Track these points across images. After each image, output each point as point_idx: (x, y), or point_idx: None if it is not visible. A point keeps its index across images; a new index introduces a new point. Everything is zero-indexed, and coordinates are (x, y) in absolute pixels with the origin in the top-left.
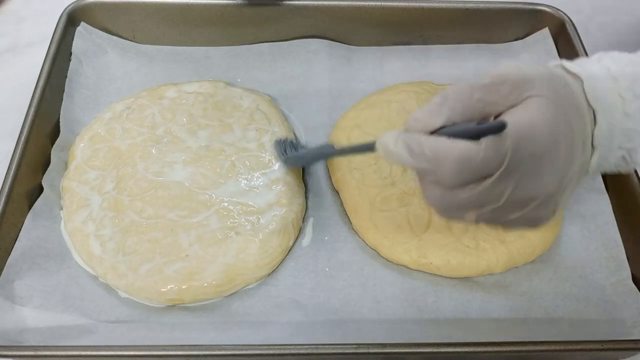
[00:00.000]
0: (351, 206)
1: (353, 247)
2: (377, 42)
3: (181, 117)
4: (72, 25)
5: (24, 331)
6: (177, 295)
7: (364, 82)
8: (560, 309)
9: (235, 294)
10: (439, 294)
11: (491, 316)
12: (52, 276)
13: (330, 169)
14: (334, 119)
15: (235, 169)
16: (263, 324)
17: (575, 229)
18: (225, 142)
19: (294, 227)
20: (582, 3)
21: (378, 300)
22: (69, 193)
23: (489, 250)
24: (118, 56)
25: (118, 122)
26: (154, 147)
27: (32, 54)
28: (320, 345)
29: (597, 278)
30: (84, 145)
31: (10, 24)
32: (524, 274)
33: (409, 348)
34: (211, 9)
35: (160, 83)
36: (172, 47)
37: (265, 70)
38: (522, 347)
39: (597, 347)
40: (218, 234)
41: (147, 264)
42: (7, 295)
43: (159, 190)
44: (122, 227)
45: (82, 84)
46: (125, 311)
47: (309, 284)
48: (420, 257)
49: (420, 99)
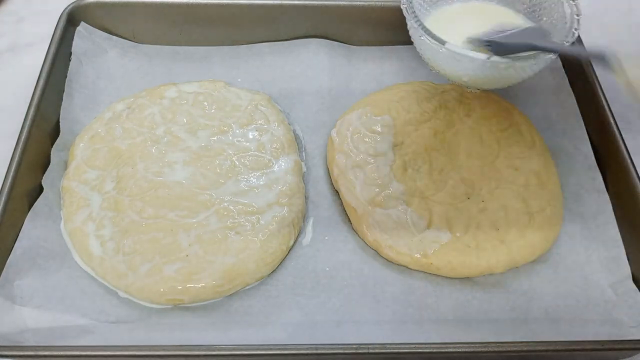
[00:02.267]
0: (351, 206)
1: (353, 247)
2: (377, 42)
3: (181, 117)
4: (72, 25)
5: (24, 331)
6: (177, 295)
7: (364, 82)
8: (560, 309)
9: (235, 294)
10: (439, 294)
11: (491, 316)
12: (52, 276)
13: (330, 168)
14: (334, 119)
15: (235, 169)
16: (263, 324)
17: (575, 228)
18: (225, 142)
19: (294, 227)
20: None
21: (378, 300)
22: (69, 193)
23: (489, 250)
24: (118, 56)
25: (118, 122)
26: (154, 147)
27: (32, 54)
28: (320, 345)
29: (597, 278)
30: (84, 145)
31: (10, 24)
32: (524, 274)
33: (409, 348)
34: (211, 9)
35: (160, 83)
36: (172, 47)
37: (265, 70)
38: (522, 347)
39: (597, 347)
40: (218, 234)
41: (147, 264)
42: (7, 295)
43: (159, 190)
44: (122, 227)
45: (82, 84)
46: (125, 311)
47: (309, 284)
48: (420, 257)
49: (420, 99)
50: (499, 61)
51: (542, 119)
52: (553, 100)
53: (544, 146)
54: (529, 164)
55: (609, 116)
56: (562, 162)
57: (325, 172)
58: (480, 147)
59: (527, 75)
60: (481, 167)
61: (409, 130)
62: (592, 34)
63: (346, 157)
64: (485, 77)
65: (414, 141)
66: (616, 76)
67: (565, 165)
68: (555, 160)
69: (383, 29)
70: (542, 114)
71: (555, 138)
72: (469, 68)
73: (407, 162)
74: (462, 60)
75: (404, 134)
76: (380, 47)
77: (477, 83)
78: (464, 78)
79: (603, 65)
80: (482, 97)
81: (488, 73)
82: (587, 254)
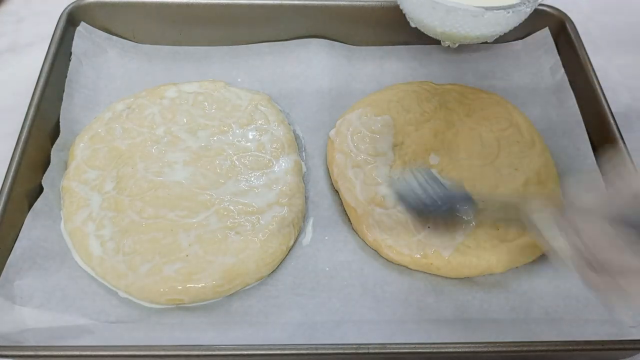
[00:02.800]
0: (351, 206)
1: (353, 247)
2: (377, 42)
3: (181, 117)
4: (72, 25)
5: (24, 331)
6: (177, 295)
7: (364, 82)
8: (560, 309)
9: (235, 294)
10: (439, 294)
11: (491, 316)
12: (52, 276)
13: (330, 168)
14: (334, 119)
15: (235, 169)
16: (263, 324)
17: None
18: (225, 142)
19: (294, 227)
20: (582, 3)
21: (378, 300)
22: (69, 193)
23: (489, 250)
24: (118, 56)
25: (118, 122)
26: (154, 147)
27: (32, 54)
28: (320, 345)
29: None
30: (83, 145)
31: (10, 24)
32: (524, 274)
33: (409, 348)
34: (211, 9)
35: (160, 83)
36: (172, 47)
37: (265, 70)
38: (522, 347)
39: (597, 347)
40: (218, 234)
41: (147, 264)
42: (7, 295)
43: (159, 190)
44: (122, 227)
45: (82, 84)
46: (125, 311)
47: (309, 284)
48: (420, 257)
49: (420, 99)
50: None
51: (542, 119)
52: (553, 100)
53: (544, 146)
54: (529, 164)
55: (609, 116)
56: (562, 162)
57: (325, 172)
58: (480, 147)
59: (501, 29)
60: (481, 167)
61: (409, 130)
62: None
63: (346, 157)
64: (462, 29)
65: (414, 141)
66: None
67: (565, 165)
68: (555, 160)
69: (383, 29)
70: (542, 114)
71: (555, 138)
72: (444, 18)
73: (407, 162)
74: (437, 9)
75: (404, 134)
76: (380, 47)
77: (452, 37)
78: (438, 29)
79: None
80: (482, 97)
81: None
82: None
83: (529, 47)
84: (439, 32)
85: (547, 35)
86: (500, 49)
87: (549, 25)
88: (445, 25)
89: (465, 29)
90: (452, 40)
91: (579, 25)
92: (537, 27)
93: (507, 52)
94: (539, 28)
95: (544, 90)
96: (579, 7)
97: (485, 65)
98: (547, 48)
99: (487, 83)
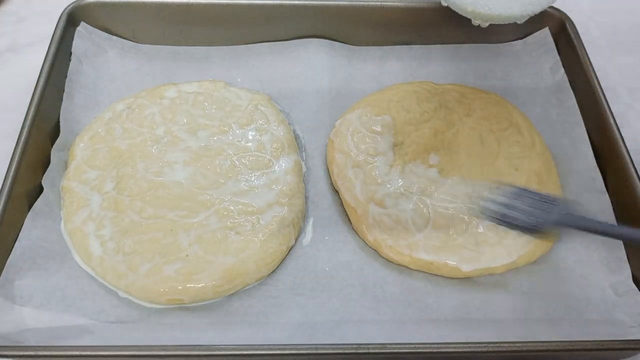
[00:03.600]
0: (351, 206)
1: (353, 247)
2: (377, 42)
3: (181, 117)
4: (72, 25)
5: (24, 331)
6: (177, 295)
7: (364, 82)
8: (560, 309)
9: (235, 294)
10: (439, 294)
11: (491, 316)
12: (52, 276)
13: (330, 168)
14: (334, 119)
15: (235, 169)
16: (263, 324)
17: None
18: (225, 142)
19: (294, 227)
20: (582, 3)
21: (378, 300)
22: (69, 193)
23: (489, 251)
24: (118, 56)
25: (118, 122)
26: (154, 147)
27: (32, 54)
28: (320, 345)
29: (597, 278)
30: (83, 145)
31: (10, 24)
32: (524, 274)
33: (409, 348)
34: (211, 9)
35: (160, 83)
36: (172, 47)
37: (265, 70)
38: (522, 347)
39: (597, 347)
40: (218, 234)
41: (147, 264)
42: (7, 295)
43: (159, 190)
44: (122, 227)
45: (82, 84)
46: (125, 311)
47: (309, 284)
48: (420, 257)
49: (420, 99)
50: None
51: (542, 119)
52: (553, 100)
53: (544, 146)
54: (529, 164)
55: (609, 116)
56: (562, 162)
57: (325, 172)
58: (480, 147)
59: (533, 8)
60: (481, 167)
61: (409, 130)
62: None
63: (346, 157)
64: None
65: (414, 141)
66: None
67: (565, 165)
68: (555, 160)
69: (383, 29)
70: (542, 114)
71: (555, 138)
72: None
73: (407, 162)
74: None
75: (404, 134)
76: (380, 47)
77: (483, 16)
78: (469, 8)
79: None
80: (482, 97)
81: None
82: (587, 254)
83: (529, 47)
84: (470, 10)
85: (547, 35)
86: (500, 49)
87: (549, 25)
88: (477, 3)
89: (497, 8)
90: (482, 19)
91: (579, 26)
92: (537, 27)
93: (507, 52)
94: (539, 28)
95: (544, 90)
96: (579, 7)
97: (485, 65)
98: (547, 48)
99: (487, 83)
